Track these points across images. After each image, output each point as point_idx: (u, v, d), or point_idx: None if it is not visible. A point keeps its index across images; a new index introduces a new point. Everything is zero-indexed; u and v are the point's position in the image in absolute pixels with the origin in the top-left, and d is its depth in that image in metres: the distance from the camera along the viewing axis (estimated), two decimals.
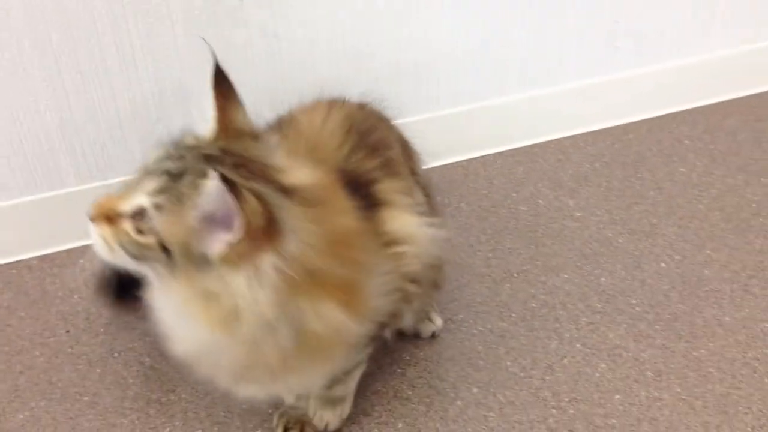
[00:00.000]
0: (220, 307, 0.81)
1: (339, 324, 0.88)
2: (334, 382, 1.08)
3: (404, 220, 1.01)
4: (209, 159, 0.82)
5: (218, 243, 0.79)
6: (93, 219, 0.84)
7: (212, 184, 0.75)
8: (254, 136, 0.88)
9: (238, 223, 0.77)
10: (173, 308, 0.88)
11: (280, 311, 0.83)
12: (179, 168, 0.81)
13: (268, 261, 0.80)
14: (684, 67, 1.87)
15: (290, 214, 0.81)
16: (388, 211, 1.00)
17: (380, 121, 1.15)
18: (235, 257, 0.79)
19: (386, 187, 1.02)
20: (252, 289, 0.80)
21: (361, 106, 1.14)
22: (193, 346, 0.90)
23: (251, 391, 0.98)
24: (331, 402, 1.15)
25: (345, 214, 0.90)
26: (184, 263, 0.81)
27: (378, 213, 0.98)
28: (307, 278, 0.83)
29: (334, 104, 1.09)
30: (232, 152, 0.84)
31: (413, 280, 1.04)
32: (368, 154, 1.03)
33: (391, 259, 0.98)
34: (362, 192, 0.97)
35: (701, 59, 1.88)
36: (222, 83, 0.87)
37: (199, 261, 0.81)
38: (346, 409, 1.18)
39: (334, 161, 1.00)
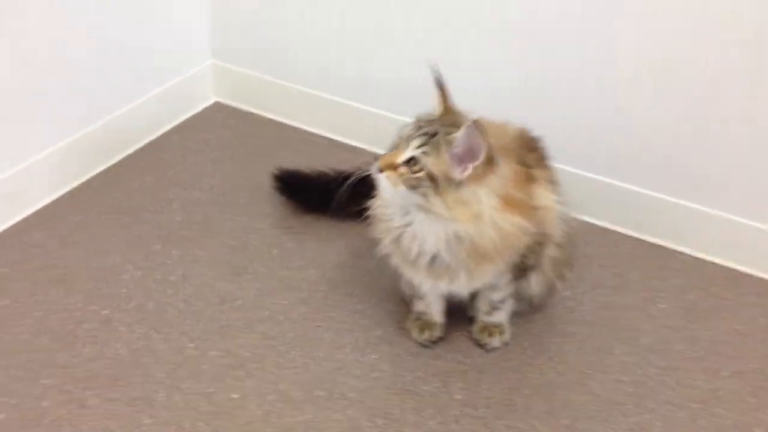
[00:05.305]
0: (470, 209, 1.33)
1: (519, 225, 1.39)
2: (493, 308, 1.58)
3: (546, 194, 1.50)
4: (447, 124, 1.35)
5: (465, 170, 1.32)
6: (382, 170, 1.35)
7: (470, 126, 1.28)
8: (458, 113, 1.41)
9: (483, 151, 1.29)
10: (438, 213, 1.35)
11: (496, 214, 1.35)
12: (432, 130, 1.35)
13: (492, 180, 1.34)
14: None
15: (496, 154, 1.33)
16: (537, 186, 1.48)
17: (534, 140, 1.58)
18: (475, 177, 1.33)
19: (537, 172, 1.50)
20: (488, 197, 1.34)
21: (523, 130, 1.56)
22: (441, 241, 1.38)
23: (443, 283, 1.46)
24: (490, 330, 1.62)
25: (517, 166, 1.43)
26: (445, 185, 1.33)
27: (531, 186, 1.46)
28: (506, 196, 1.36)
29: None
30: (452, 122, 1.36)
31: (545, 242, 1.51)
32: (529, 152, 1.52)
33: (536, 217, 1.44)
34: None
35: None
36: (441, 86, 1.41)
37: (453, 183, 1.33)
38: (506, 336, 1.63)
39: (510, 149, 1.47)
